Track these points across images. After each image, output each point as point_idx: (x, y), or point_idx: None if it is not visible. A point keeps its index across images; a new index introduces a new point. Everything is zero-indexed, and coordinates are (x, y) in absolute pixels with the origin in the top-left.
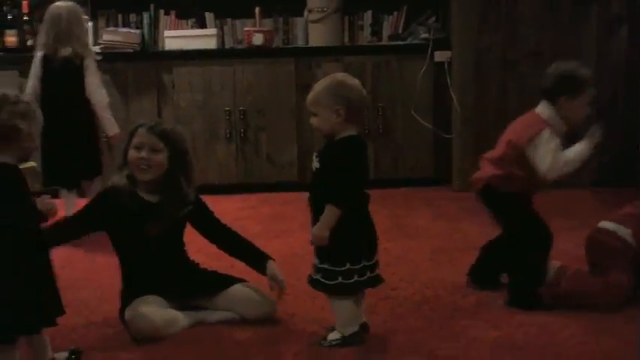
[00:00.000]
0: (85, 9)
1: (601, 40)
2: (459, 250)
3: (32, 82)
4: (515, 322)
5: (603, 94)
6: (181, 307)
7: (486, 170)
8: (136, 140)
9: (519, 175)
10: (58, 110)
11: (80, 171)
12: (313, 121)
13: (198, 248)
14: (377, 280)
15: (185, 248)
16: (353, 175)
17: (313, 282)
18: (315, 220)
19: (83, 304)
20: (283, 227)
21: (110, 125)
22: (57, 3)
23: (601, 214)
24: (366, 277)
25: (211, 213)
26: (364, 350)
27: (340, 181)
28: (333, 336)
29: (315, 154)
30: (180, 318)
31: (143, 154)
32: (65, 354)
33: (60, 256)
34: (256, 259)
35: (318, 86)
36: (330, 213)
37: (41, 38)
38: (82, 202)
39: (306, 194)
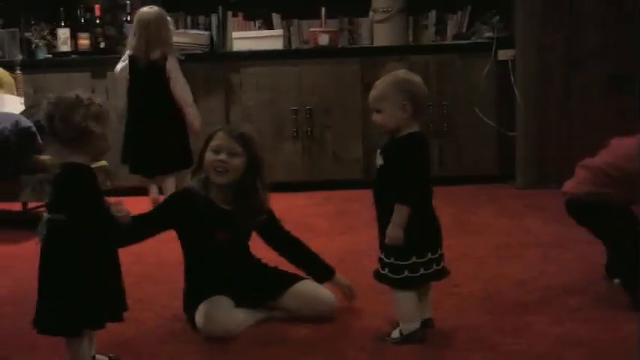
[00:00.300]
0: None
1: None
2: (522, 246)
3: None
4: (579, 318)
5: None
6: (245, 306)
7: (582, 185)
8: (214, 143)
9: (619, 195)
10: (145, 107)
11: (168, 162)
12: (377, 117)
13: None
14: (443, 273)
15: (249, 247)
16: (418, 172)
17: (380, 276)
18: (380, 216)
19: (153, 299)
20: (348, 224)
21: (195, 118)
22: (145, 9)
23: None
24: (432, 269)
25: (280, 224)
26: (429, 346)
27: (406, 179)
28: (395, 334)
29: (378, 150)
30: (247, 317)
31: (221, 157)
32: (105, 358)
33: (130, 252)
34: (322, 272)
35: (382, 83)
36: (401, 212)
37: (132, 41)
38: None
39: (371, 191)
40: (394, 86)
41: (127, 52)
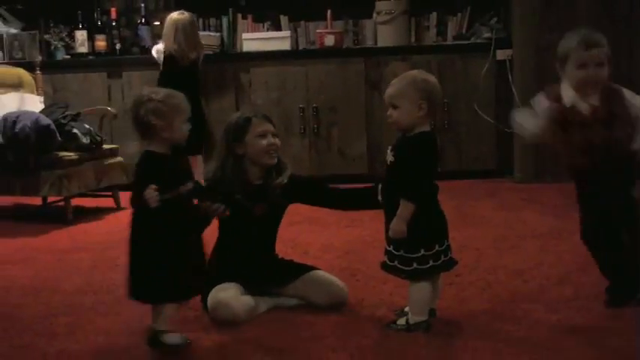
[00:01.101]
0: (167, 13)
1: None
2: (520, 238)
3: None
4: (574, 307)
5: None
6: (258, 293)
7: None
8: (260, 129)
9: None
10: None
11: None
12: (393, 113)
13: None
14: (451, 263)
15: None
16: (428, 170)
17: (390, 268)
18: (388, 211)
19: None
20: (354, 216)
21: None
22: (177, 14)
23: None
24: (440, 261)
25: (307, 178)
26: (431, 333)
27: (416, 177)
28: (401, 321)
29: (390, 147)
30: (258, 304)
31: (272, 140)
32: (178, 337)
33: None
34: (367, 197)
35: (402, 80)
36: (407, 208)
37: (170, 43)
38: None
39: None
40: (412, 85)
41: (162, 49)
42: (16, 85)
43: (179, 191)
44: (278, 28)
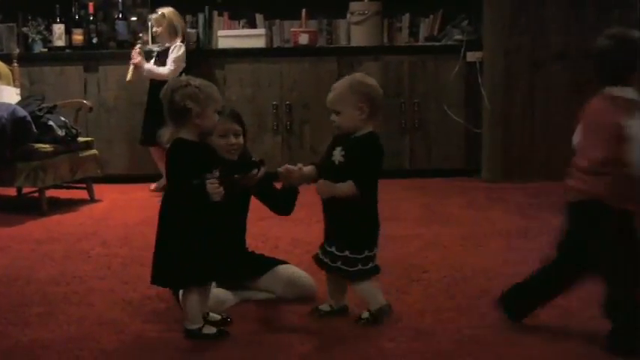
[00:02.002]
0: (145, 10)
1: None
2: (487, 236)
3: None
4: None
5: None
6: (228, 287)
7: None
8: (220, 128)
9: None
10: None
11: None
12: (335, 119)
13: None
14: (378, 269)
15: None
16: (376, 168)
17: (333, 269)
18: (327, 209)
19: (139, 280)
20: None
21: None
22: (172, 10)
23: None
24: (375, 263)
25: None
26: (397, 329)
27: (366, 174)
28: (364, 315)
29: (339, 148)
30: (228, 297)
31: (231, 140)
32: (218, 316)
33: (118, 235)
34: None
35: (340, 85)
36: (348, 189)
37: (180, 34)
38: None
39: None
40: (351, 88)
41: (182, 44)
42: None
43: (232, 178)
44: (253, 25)
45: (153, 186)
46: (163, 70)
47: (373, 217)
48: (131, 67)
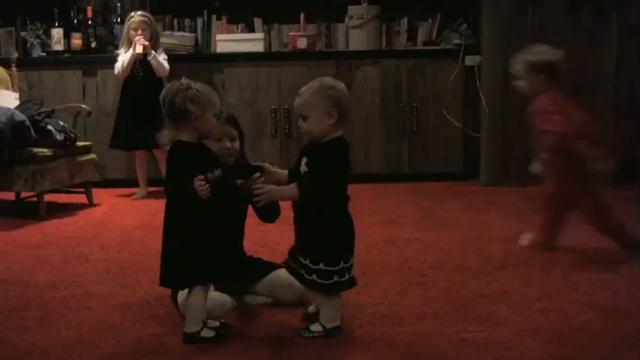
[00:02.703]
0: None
1: (620, 46)
2: (485, 240)
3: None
4: (536, 308)
5: (622, 97)
6: (227, 290)
7: None
8: (216, 131)
9: None
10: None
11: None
12: (303, 125)
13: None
14: (354, 281)
15: (244, 239)
16: (341, 174)
17: (307, 282)
18: (298, 220)
19: (138, 285)
20: None
21: None
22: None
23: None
24: (352, 275)
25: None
26: (396, 330)
27: (329, 180)
28: (315, 327)
29: (304, 159)
30: (226, 301)
31: (226, 144)
32: (217, 323)
33: (117, 240)
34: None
35: (308, 90)
36: (292, 193)
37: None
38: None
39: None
40: (319, 93)
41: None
42: None
43: (219, 176)
44: (252, 30)
45: (137, 195)
46: (165, 64)
47: (345, 226)
48: (140, 47)
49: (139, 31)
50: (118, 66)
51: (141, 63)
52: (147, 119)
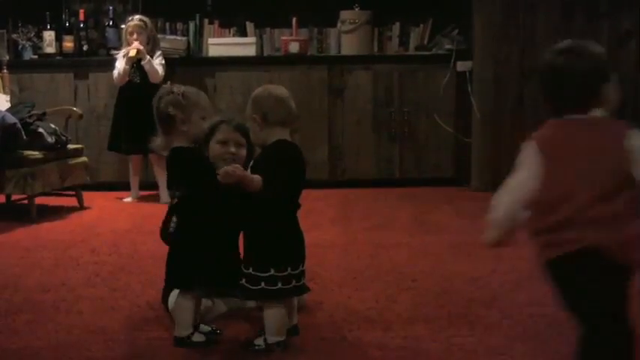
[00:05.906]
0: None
1: (612, 52)
2: (476, 245)
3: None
4: (527, 313)
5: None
6: (218, 295)
7: None
8: (221, 136)
9: None
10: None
11: None
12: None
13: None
14: (303, 289)
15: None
16: (282, 176)
17: (239, 287)
18: (247, 229)
19: (128, 288)
20: (314, 221)
21: None
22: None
23: None
24: (291, 285)
25: None
26: (387, 337)
27: (273, 174)
28: (258, 342)
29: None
30: (218, 305)
31: (231, 149)
32: (208, 328)
33: (107, 243)
34: None
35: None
36: (253, 181)
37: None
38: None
39: (336, 191)
40: (249, 103)
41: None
42: None
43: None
44: (244, 34)
45: (128, 199)
46: (159, 69)
47: (285, 233)
48: (133, 51)
49: (134, 35)
50: (115, 73)
51: (137, 68)
52: (143, 124)
